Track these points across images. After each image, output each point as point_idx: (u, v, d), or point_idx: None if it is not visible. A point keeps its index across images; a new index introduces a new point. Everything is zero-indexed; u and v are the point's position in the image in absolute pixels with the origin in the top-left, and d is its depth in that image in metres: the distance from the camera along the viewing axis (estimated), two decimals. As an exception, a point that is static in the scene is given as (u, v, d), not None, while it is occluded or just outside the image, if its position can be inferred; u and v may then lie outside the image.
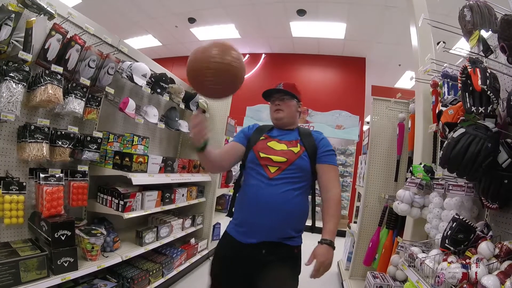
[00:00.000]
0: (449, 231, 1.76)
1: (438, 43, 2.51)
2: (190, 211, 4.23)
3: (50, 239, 2.03)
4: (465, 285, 1.40)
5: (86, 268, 2.27)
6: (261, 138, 1.82)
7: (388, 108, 3.83)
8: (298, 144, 1.77)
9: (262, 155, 1.73)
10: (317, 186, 1.81)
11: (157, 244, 3.20)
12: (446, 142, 1.73)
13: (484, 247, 1.54)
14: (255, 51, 9.10)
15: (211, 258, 1.93)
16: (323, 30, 7.42)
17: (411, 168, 2.73)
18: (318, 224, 1.67)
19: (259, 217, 1.64)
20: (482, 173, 1.55)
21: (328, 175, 1.74)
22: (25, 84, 2.03)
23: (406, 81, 9.05)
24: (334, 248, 1.60)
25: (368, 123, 4.66)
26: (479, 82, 1.54)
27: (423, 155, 2.79)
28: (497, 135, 1.55)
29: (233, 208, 1.82)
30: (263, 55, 9.13)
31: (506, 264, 1.41)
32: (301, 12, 6.76)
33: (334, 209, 1.67)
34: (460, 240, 1.71)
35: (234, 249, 1.68)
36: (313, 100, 8.39)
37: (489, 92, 1.53)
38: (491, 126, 1.56)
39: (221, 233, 5.01)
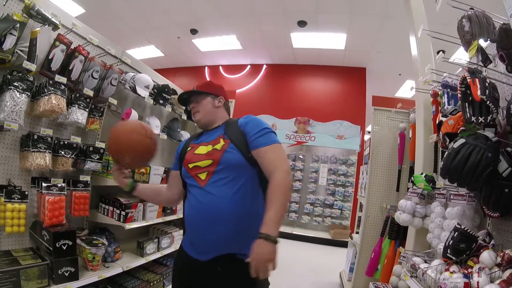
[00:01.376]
0: (451, 241, 1.76)
1: (438, 52, 2.54)
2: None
3: (51, 249, 2.03)
4: (467, 295, 1.40)
5: (87, 278, 2.26)
6: (188, 149, 1.69)
7: (389, 118, 3.84)
8: (221, 139, 1.59)
9: (191, 165, 1.60)
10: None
11: (158, 255, 3.19)
12: (446, 152, 1.74)
13: (486, 256, 1.54)
14: (256, 62, 9.18)
15: None
16: (323, 41, 7.50)
17: (412, 178, 2.74)
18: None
19: (201, 233, 1.50)
20: (482, 182, 1.55)
21: (265, 158, 1.49)
22: (29, 93, 2.05)
23: (406, 91, 9.09)
24: (274, 241, 1.31)
25: (369, 132, 4.67)
26: (479, 92, 1.55)
27: (425, 165, 2.80)
28: (497, 144, 1.56)
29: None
30: (264, 66, 9.21)
31: (508, 272, 1.40)
32: (301, 24, 6.84)
33: (274, 195, 1.40)
34: (462, 249, 1.71)
35: (189, 264, 1.56)
36: (314, 111, 8.44)
37: (488, 102, 1.54)
38: (491, 136, 1.58)
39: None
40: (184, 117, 4.08)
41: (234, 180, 1.49)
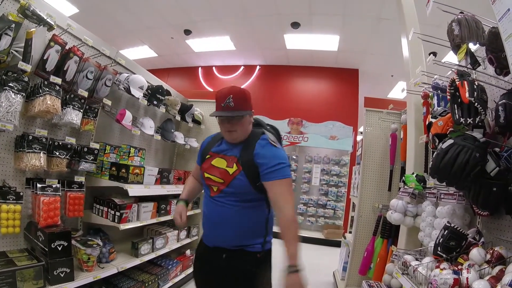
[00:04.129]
0: (441, 239, 1.80)
1: (430, 54, 2.58)
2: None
3: (46, 249, 2.03)
4: (457, 291, 1.43)
5: (82, 279, 2.27)
6: (207, 156, 1.79)
7: (380, 119, 3.89)
8: (235, 164, 1.67)
9: (206, 175, 1.75)
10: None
11: (152, 256, 3.20)
12: (435, 153, 1.78)
13: (476, 253, 1.59)
14: (249, 62, 9.20)
15: None
16: (316, 42, 7.54)
17: (403, 177, 2.78)
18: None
19: (211, 229, 1.76)
20: (470, 182, 1.60)
21: (273, 192, 1.60)
22: (24, 94, 2.05)
23: (398, 92, 9.19)
24: (301, 270, 1.49)
25: (361, 133, 4.73)
26: (467, 94, 1.59)
27: (415, 165, 2.84)
28: (485, 145, 1.60)
29: None
30: (258, 67, 9.23)
31: (497, 269, 1.45)
32: (295, 25, 6.88)
33: (290, 232, 1.55)
34: (452, 247, 1.75)
35: (202, 249, 1.83)
36: (307, 111, 8.48)
37: (476, 104, 1.59)
38: (479, 137, 1.62)
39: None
40: (178, 117, 4.09)
41: (239, 200, 1.66)
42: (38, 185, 2.20)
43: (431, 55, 2.48)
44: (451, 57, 2.09)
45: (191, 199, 2.07)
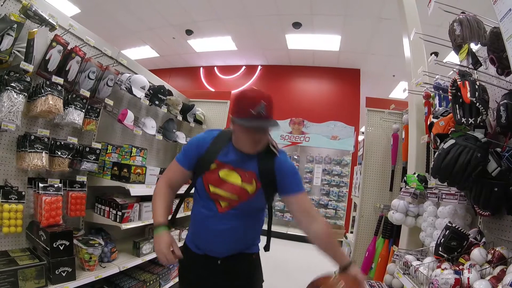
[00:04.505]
0: (442, 239, 1.80)
1: (431, 54, 2.58)
2: (187, 222, 4.20)
3: (48, 249, 2.03)
4: (458, 291, 1.44)
5: (84, 278, 2.27)
6: (211, 166, 1.53)
7: (382, 119, 3.89)
8: (254, 180, 1.53)
9: (212, 189, 1.53)
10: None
11: (154, 255, 3.19)
12: (436, 153, 1.78)
13: (477, 253, 1.59)
14: (251, 63, 9.21)
15: None
16: (318, 42, 7.55)
17: (405, 177, 2.78)
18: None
19: (210, 242, 1.58)
20: (472, 182, 1.59)
21: (303, 205, 1.56)
22: (26, 94, 2.06)
23: (400, 92, 9.17)
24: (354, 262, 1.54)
25: (363, 133, 4.73)
26: (468, 94, 1.60)
27: (417, 165, 2.84)
28: (486, 145, 1.60)
29: (176, 216, 1.81)
30: (259, 67, 9.23)
31: (498, 269, 1.45)
32: (296, 25, 6.88)
33: (331, 242, 1.54)
34: (453, 247, 1.75)
35: (190, 258, 1.63)
36: (309, 111, 8.48)
37: (478, 104, 1.59)
38: (480, 137, 1.62)
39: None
40: (180, 117, 4.09)
41: (250, 214, 1.60)
42: (40, 185, 2.21)
43: (433, 55, 2.47)
44: (453, 57, 2.09)
45: (171, 219, 1.70)
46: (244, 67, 9.33)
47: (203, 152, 1.56)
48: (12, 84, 1.97)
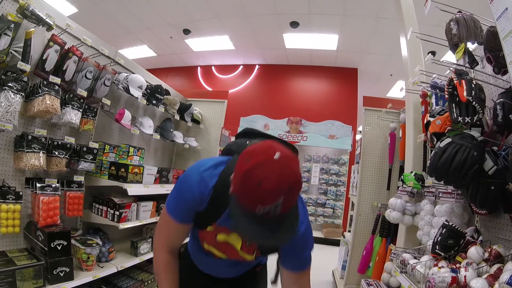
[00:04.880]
0: (439, 237, 1.81)
1: (429, 53, 2.59)
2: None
3: (46, 249, 2.03)
4: (455, 289, 1.44)
5: (82, 278, 2.27)
6: (208, 228, 1.25)
7: (379, 118, 3.90)
8: (254, 251, 1.28)
9: (206, 246, 1.33)
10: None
11: (152, 255, 3.19)
12: (433, 151, 1.79)
13: (474, 251, 1.59)
14: (249, 62, 9.20)
15: None
16: (316, 42, 7.55)
17: (402, 176, 2.79)
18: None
19: (211, 272, 1.46)
20: (469, 180, 1.60)
21: (297, 285, 1.25)
22: (23, 94, 2.05)
23: (398, 91, 9.19)
24: None
25: (360, 132, 4.74)
26: (465, 93, 1.60)
27: (414, 164, 2.85)
28: (483, 143, 1.61)
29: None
30: (257, 66, 9.23)
31: (495, 267, 1.45)
32: (294, 24, 6.88)
33: None
34: (450, 245, 1.76)
35: (195, 272, 1.50)
36: (306, 111, 8.49)
37: (474, 102, 1.59)
38: (476, 135, 1.63)
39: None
40: (177, 117, 4.09)
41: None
42: (38, 185, 2.20)
43: (430, 54, 2.48)
44: (450, 57, 2.10)
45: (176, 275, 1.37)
46: (241, 67, 9.32)
47: (201, 210, 1.20)
48: (9, 84, 1.96)
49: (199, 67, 9.69)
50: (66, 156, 2.43)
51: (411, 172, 2.68)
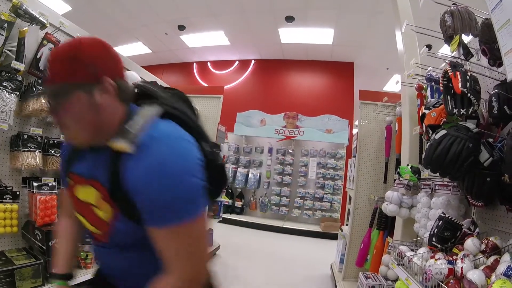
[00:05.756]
0: (436, 229, 1.82)
1: (424, 46, 2.60)
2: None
3: (44, 248, 2.04)
4: (451, 280, 1.46)
5: (81, 276, 2.27)
6: (69, 182, 1.00)
7: (375, 111, 3.90)
8: (104, 202, 0.87)
9: (76, 215, 1.01)
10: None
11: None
12: (428, 143, 1.80)
13: (470, 243, 1.61)
14: (244, 57, 9.19)
15: None
16: (311, 36, 7.54)
17: (398, 169, 2.80)
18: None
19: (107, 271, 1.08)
20: (464, 172, 1.61)
21: (160, 247, 0.83)
22: (18, 93, 2.05)
23: (394, 85, 9.21)
24: None
25: (357, 126, 4.75)
26: (460, 85, 1.61)
27: (410, 157, 2.86)
28: (478, 135, 1.62)
29: None
30: (253, 61, 9.22)
31: (492, 259, 1.47)
32: (289, 19, 6.87)
33: None
34: (446, 237, 1.77)
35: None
36: (303, 105, 8.49)
37: (469, 94, 1.60)
38: (472, 127, 1.63)
39: (213, 240, 4.91)
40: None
41: (132, 247, 0.96)
42: (35, 184, 2.20)
43: (425, 47, 2.48)
44: (446, 50, 2.10)
45: (73, 266, 1.15)
46: (237, 62, 9.30)
47: (64, 154, 1.01)
48: (3, 84, 1.96)
49: (194, 63, 9.66)
50: (63, 155, 2.42)
51: (408, 165, 2.69)
